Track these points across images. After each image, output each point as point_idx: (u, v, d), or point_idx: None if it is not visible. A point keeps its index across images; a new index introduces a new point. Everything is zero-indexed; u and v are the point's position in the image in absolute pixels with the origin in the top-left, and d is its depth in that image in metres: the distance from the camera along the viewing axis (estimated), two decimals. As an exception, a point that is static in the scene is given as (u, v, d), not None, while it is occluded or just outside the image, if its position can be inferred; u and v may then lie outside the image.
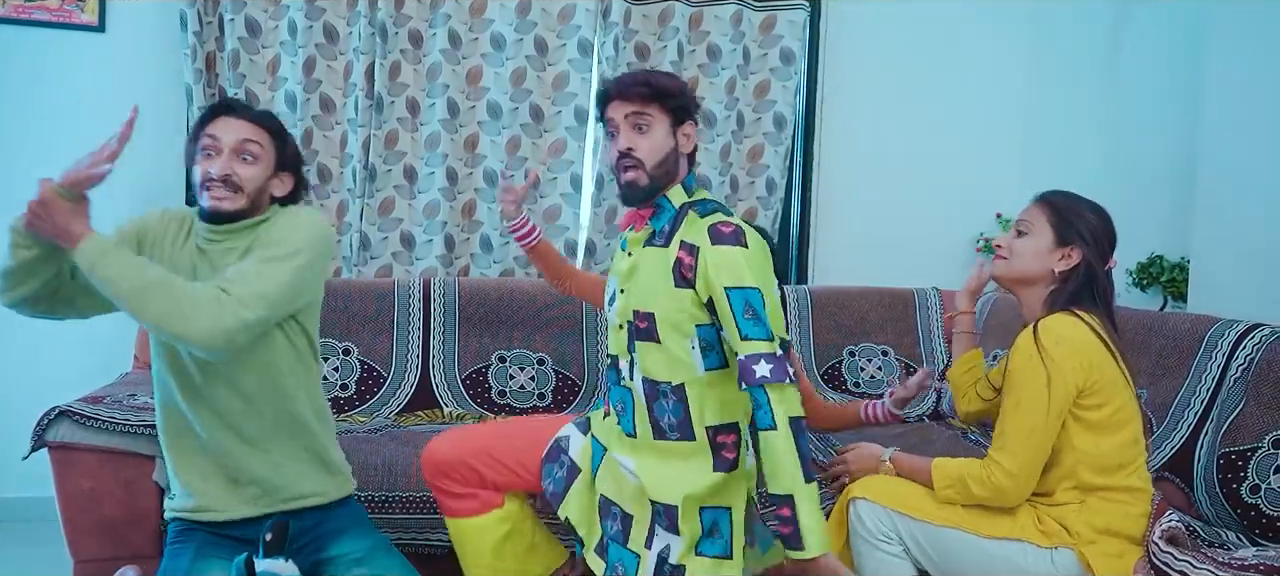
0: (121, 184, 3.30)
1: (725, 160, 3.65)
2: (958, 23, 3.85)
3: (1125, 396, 1.99)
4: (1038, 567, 1.94)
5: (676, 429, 1.98)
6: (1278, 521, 2.17)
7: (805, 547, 1.80)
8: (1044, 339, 1.92)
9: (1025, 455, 1.94)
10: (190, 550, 1.97)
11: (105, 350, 3.25)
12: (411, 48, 3.43)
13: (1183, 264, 3.11)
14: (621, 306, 2.04)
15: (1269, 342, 2.43)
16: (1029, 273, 2.06)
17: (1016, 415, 1.94)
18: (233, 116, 2.03)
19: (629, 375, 2.03)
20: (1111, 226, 2.08)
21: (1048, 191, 2.13)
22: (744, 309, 1.85)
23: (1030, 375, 1.92)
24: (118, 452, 2.46)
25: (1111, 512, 1.95)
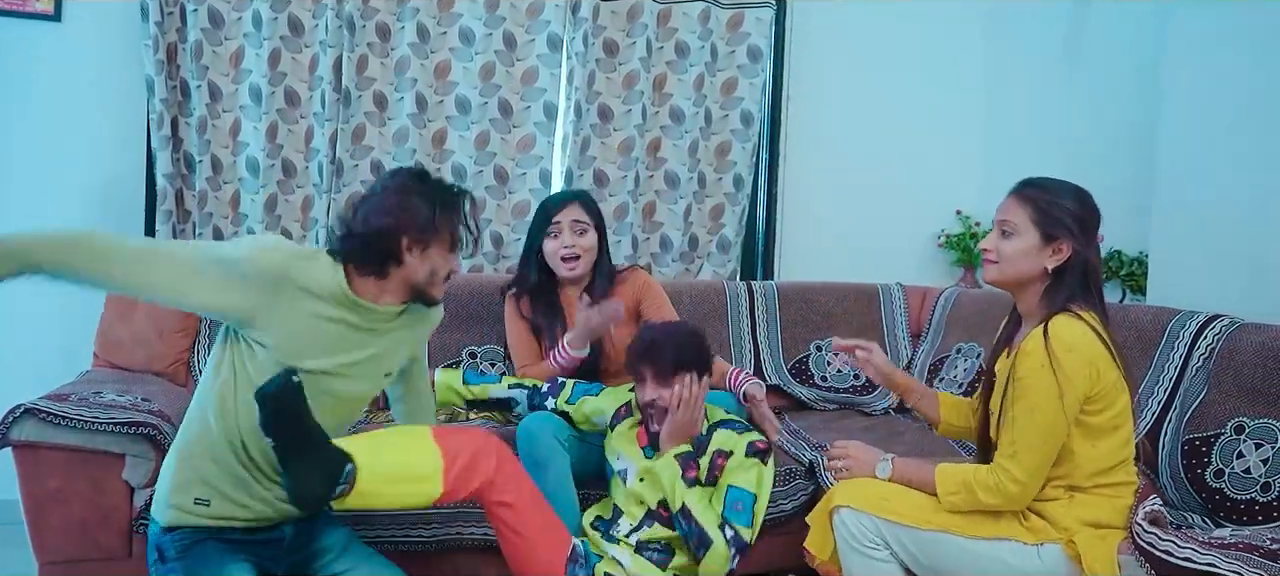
0: (81, 179, 3.26)
1: (693, 156, 3.67)
2: (919, 22, 3.92)
3: (1124, 399, 2.01)
4: (1026, 565, 1.98)
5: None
6: (1241, 504, 2.25)
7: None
8: (1056, 347, 1.91)
9: (1036, 463, 1.96)
10: (211, 556, 1.99)
11: (62, 347, 3.17)
12: (379, 41, 3.40)
13: (1141, 258, 3.20)
14: (640, 491, 2.40)
15: (1228, 333, 2.52)
16: (1021, 276, 2.05)
17: (1029, 423, 1.94)
18: None
19: (626, 533, 2.39)
20: (1093, 205, 2.08)
21: (1024, 183, 2.10)
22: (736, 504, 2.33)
23: (1043, 385, 1.92)
24: (85, 451, 2.40)
25: (1099, 507, 2.00)
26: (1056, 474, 2.01)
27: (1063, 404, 1.90)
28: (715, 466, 2.38)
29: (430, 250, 2.05)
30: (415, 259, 2.05)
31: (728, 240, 3.75)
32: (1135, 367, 2.70)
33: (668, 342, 2.41)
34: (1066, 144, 3.62)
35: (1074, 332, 1.94)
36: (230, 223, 3.34)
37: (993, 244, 2.08)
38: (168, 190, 3.22)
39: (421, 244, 2.04)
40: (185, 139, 3.28)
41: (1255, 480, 2.25)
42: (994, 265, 2.08)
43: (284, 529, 2.13)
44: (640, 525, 2.39)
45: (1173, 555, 1.68)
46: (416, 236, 2.03)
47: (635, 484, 2.41)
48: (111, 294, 2.66)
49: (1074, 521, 1.97)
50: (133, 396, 2.62)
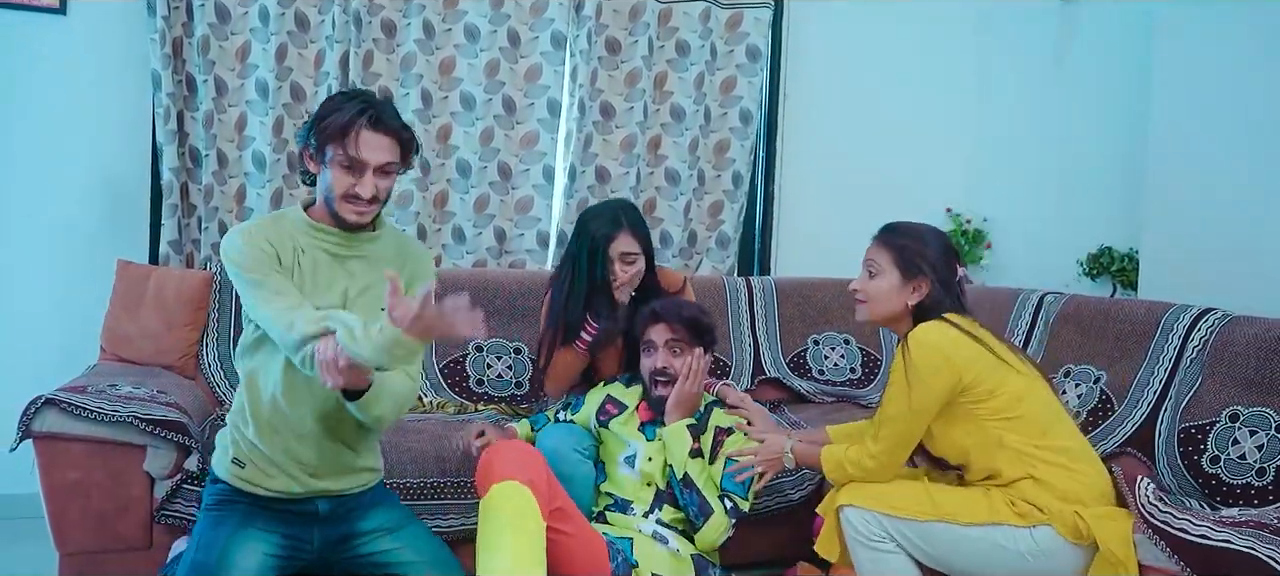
0: (85, 174, 3.25)
1: (693, 154, 3.72)
2: (912, 23, 4.00)
3: (1010, 378, 2.14)
4: (1021, 546, 2.07)
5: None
6: (1237, 488, 2.35)
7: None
8: (911, 347, 2.13)
9: (890, 444, 2.18)
10: (232, 520, 2.02)
11: (66, 342, 3.17)
12: (384, 37, 3.42)
13: (1131, 254, 3.30)
14: (650, 470, 2.47)
15: (1221, 325, 2.62)
16: (887, 312, 2.25)
17: (886, 409, 2.18)
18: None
19: (642, 516, 2.45)
20: (950, 244, 2.30)
21: (886, 228, 2.31)
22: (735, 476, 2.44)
23: (896, 380, 2.16)
24: (106, 442, 2.42)
25: (1065, 480, 2.09)
26: (1002, 457, 2.12)
27: (909, 397, 2.12)
28: (717, 443, 2.49)
29: (323, 164, 2.04)
30: (318, 170, 2.06)
31: (727, 236, 3.81)
32: (1130, 359, 2.80)
33: (686, 315, 2.51)
34: (1055, 142, 3.71)
35: (933, 333, 2.13)
36: (235, 217, 3.35)
37: (861, 284, 2.28)
38: (173, 184, 3.22)
39: (313, 157, 2.06)
40: (191, 133, 3.29)
41: (1250, 465, 2.34)
42: (863, 304, 2.29)
43: (318, 503, 2.15)
44: (652, 509, 2.44)
45: (1188, 533, 1.75)
46: (307, 149, 2.06)
47: (645, 464, 2.47)
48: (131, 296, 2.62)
49: (1054, 500, 2.06)
50: (148, 388, 2.64)
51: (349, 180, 2.01)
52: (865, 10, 3.97)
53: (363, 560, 2.19)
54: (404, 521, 2.25)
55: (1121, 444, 2.69)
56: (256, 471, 2.11)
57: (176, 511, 2.46)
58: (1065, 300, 3.13)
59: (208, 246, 3.30)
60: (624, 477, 2.50)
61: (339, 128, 1.99)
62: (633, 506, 2.46)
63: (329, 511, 2.17)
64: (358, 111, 2.00)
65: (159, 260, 3.26)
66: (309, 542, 2.16)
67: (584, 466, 2.50)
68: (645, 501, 2.46)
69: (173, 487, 2.45)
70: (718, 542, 2.39)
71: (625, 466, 2.51)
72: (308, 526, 2.17)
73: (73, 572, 2.46)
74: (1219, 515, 1.90)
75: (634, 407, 2.57)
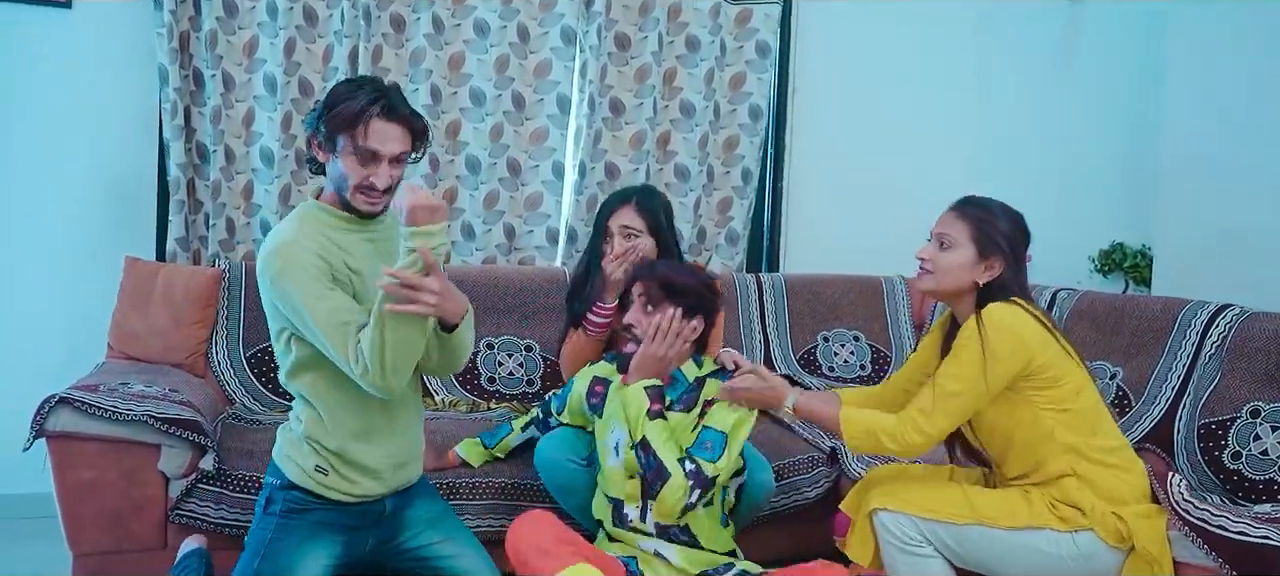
0: (92, 169, 3.21)
1: (703, 150, 3.71)
2: (920, 20, 3.98)
3: (1076, 377, 2.10)
4: (1062, 550, 2.04)
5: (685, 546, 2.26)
6: (1260, 484, 2.35)
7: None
8: (987, 326, 2.03)
9: (943, 422, 2.06)
10: (302, 529, 2.00)
11: (73, 340, 3.13)
12: (394, 32, 3.39)
13: (1144, 250, 3.30)
14: (631, 459, 2.21)
15: (1240, 321, 2.62)
16: (954, 287, 2.16)
17: (946, 384, 2.06)
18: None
19: (639, 518, 2.25)
20: (1025, 227, 2.21)
21: (963, 200, 2.22)
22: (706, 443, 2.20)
23: (969, 354, 2.04)
24: (120, 441, 2.39)
25: (1109, 480, 2.07)
26: (1049, 452, 2.07)
27: (984, 373, 2.01)
28: (705, 414, 2.28)
29: (333, 154, 2.00)
30: (327, 161, 2.03)
31: (736, 233, 3.79)
32: (1147, 355, 2.81)
33: (660, 271, 2.31)
34: (1064, 140, 3.71)
35: (1005, 313, 2.05)
36: (243, 214, 3.32)
37: (930, 254, 2.18)
38: (180, 180, 3.18)
39: (322, 147, 2.02)
40: (198, 129, 3.25)
41: (1273, 461, 2.34)
42: (929, 275, 2.18)
43: (387, 501, 2.13)
44: (645, 504, 2.25)
45: (1227, 530, 1.75)
46: (315, 138, 2.03)
47: (628, 454, 2.23)
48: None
49: (1096, 502, 2.03)
50: (160, 387, 2.61)
51: (363, 171, 1.97)
52: (874, 6, 3.95)
53: (409, 553, 2.18)
54: (444, 514, 2.26)
55: (1140, 440, 2.69)
56: (341, 479, 2.07)
57: (191, 511, 2.43)
58: (1079, 296, 3.13)
59: (215, 243, 3.27)
60: (612, 471, 2.28)
61: (350, 117, 1.94)
62: (625, 507, 2.27)
63: (394, 509, 2.16)
64: (370, 100, 1.95)
65: (166, 257, 3.23)
66: (365, 543, 2.15)
67: (581, 474, 2.43)
68: (635, 497, 2.26)
69: (187, 487, 2.42)
70: (677, 509, 2.14)
71: (613, 457, 2.27)
72: (369, 528, 2.15)
73: (86, 572, 2.43)
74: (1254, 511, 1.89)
75: (618, 380, 2.35)
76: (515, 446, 2.67)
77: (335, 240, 2.02)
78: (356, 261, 2.03)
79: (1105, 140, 3.55)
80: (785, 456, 2.85)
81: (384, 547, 2.16)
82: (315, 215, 2.06)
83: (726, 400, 2.25)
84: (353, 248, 2.04)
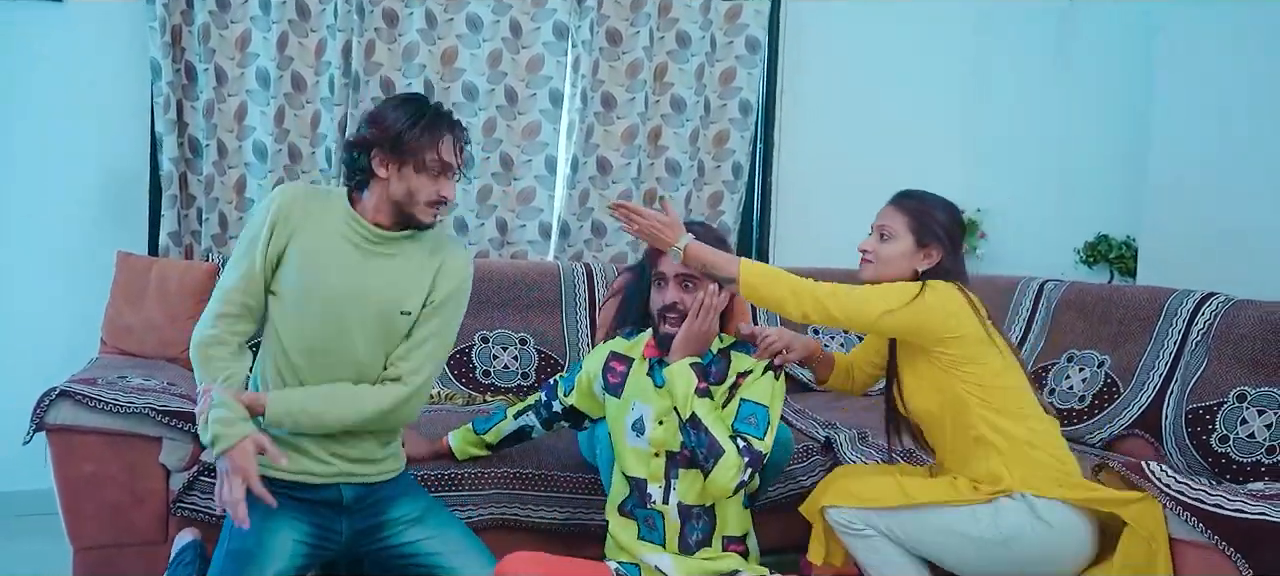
0: (84, 164, 3.20)
1: (694, 144, 3.74)
2: (910, 14, 4.04)
3: (996, 356, 2.15)
4: (982, 522, 2.08)
5: (702, 543, 2.21)
6: (1247, 466, 2.41)
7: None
8: (929, 284, 2.13)
9: (840, 312, 2.13)
10: (261, 508, 1.99)
11: (65, 335, 3.11)
12: (386, 27, 3.40)
13: (1129, 242, 3.37)
14: (661, 436, 2.19)
15: (1225, 309, 2.68)
16: (893, 275, 2.22)
17: (867, 291, 2.15)
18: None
19: (662, 499, 2.20)
20: (960, 217, 2.30)
21: (901, 193, 2.31)
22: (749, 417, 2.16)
23: (903, 288, 2.13)
24: (122, 434, 2.38)
25: (1026, 458, 2.10)
26: (972, 433, 2.12)
27: (903, 305, 2.09)
28: (735, 388, 2.22)
29: (405, 168, 2.06)
30: (390, 175, 2.07)
31: (727, 227, 3.82)
32: (1134, 343, 2.87)
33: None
34: (1055, 133, 3.77)
35: (943, 287, 2.15)
36: (235, 209, 3.31)
37: (871, 245, 2.27)
38: (173, 175, 3.18)
39: (395, 160, 2.06)
40: (191, 123, 3.24)
41: (1260, 443, 2.40)
42: (871, 265, 2.26)
43: (341, 489, 2.14)
44: (670, 480, 2.20)
45: (1223, 509, 1.79)
46: (388, 151, 2.06)
47: (656, 430, 2.20)
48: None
49: (1012, 476, 2.08)
50: (159, 380, 2.60)
51: (435, 186, 2.08)
52: (862, 2, 4.00)
53: (392, 550, 2.19)
54: (430, 511, 2.25)
55: (1129, 426, 2.75)
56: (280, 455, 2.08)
57: (193, 504, 2.42)
58: (1066, 287, 3.19)
59: (208, 238, 3.26)
60: (633, 452, 2.24)
61: (434, 135, 2.07)
62: (649, 486, 2.21)
63: (354, 499, 2.17)
64: (446, 121, 2.11)
65: (159, 252, 3.22)
66: (338, 533, 2.16)
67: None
68: (659, 476, 2.20)
69: (189, 480, 2.42)
70: (730, 487, 2.08)
71: (633, 436, 2.24)
72: (335, 516, 2.16)
73: (87, 567, 2.41)
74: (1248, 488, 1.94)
75: (640, 354, 2.29)
76: (507, 434, 2.65)
77: (330, 223, 2.11)
78: (315, 243, 2.10)
79: (1094, 136, 3.61)
80: (780, 446, 2.89)
81: (366, 545, 2.17)
82: (336, 198, 2.15)
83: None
84: (338, 236, 2.11)
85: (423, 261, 2.16)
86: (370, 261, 2.12)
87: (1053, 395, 2.97)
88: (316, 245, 2.09)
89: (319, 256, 2.09)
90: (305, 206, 2.11)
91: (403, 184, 2.07)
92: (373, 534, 2.17)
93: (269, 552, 2.03)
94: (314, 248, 2.09)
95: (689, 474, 2.18)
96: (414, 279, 2.15)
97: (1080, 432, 2.86)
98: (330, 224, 2.11)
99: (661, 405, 2.21)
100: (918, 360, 2.20)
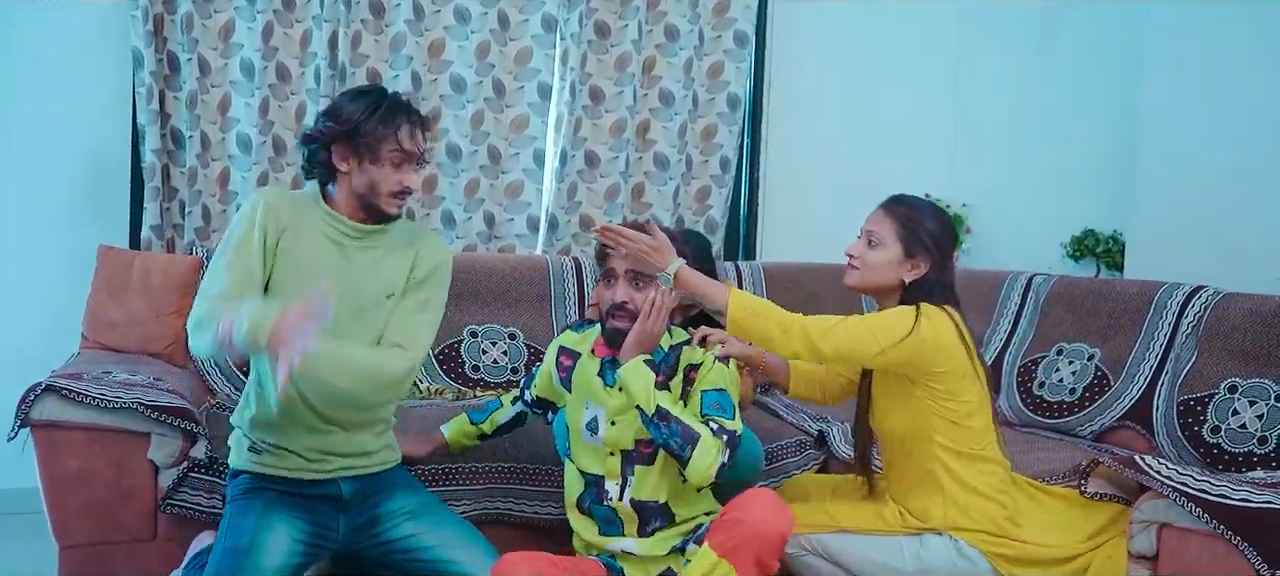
0: (63, 156, 3.13)
1: (682, 139, 3.72)
2: (896, 8, 4.04)
3: (975, 389, 2.14)
4: (906, 555, 2.12)
5: (661, 529, 2.20)
6: (1239, 456, 2.43)
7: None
8: (924, 311, 2.06)
9: (830, 349, 2.05)
10: (257, 506, 2.00)
11: (44, 330, 3.05)
12: (373, 17, 3.35)
13: (1115, 236, 3.40)
14: (615, 436, 2.17)
15: (1215, 302, 2.71)
16: (879, 283, 2.18)
17: (857, 325, 2.07)
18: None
19: (618, 496, 2.19)
20: (952, 227, 2.24)
21: (893, 199, 2.24)
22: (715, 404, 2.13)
23: (899, 319, 2.06)
24: (109, 430, 2.33)
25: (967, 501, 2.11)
26: (924, 458, 2.12)
27: (897, 341, 2.02)
28: (688, 382, 2.20)
29: (365, 160, 2.05)
30: (351, 168, 2.06)
31: (715, 221, 3.82)
32: (1123, 336, 2.89)
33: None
34: (1041, 128, 3.79)
35: (939, 316, 2.09)
36: (218, 201, 3.26)
37: (859, 251, 2.20)
38: (155, 167, 3.12)
39: (354, 153, 2.05)
40: (173, 114, 3.18)
41: (1252, 434, 2.43)
42: (856, 271, 2.20)
43: (340, 484, 2.14)
44: (626, 477, 2.18)
45: (1229, 499, 1.81)
46: (346, 144, 2.05)
47: (609, 430, 2.17)
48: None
49: (945, 518, 2.09)
50: (145, 375, 2.55)
51: (398, 176, 2.07)
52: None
53: (390, 545, 2.18)
54: (427, 505, 2.24)
55: (1120, 418, 2.77)
56: (272, 456, 2.11)
57: (183, 501, 2.38)
58: (1055, 281, 3.21)
59: (191, 231, 3.20)
60: (588, 448, 2.23)
61: (392, 126, 2.04)
62: (607, 483, 2.20)
63: (352, 493, 2.16)
64: (403, 109, 2.08)
65: (140, 245, 3.16)
66: (335, 529, 2.16)
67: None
68: (616, 474, 2.19)
69: (180, 476, 2.37)
70: (712, 470, 2.03)
71: (588, 435, 2.22)
72: (333, 513, 2.15)
73: (73, 566, 2.36)
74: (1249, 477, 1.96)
75: (589, 349, 2.27)
76: (504, 422, 2.57)
77: (306, 218, 2.09)
78: (304, 254, 2.08)
79: (1080, 131, 3.64)
80: (773, 440, 2.88)
81: (362, 539, 2.16)
82: (311, 198, 2.14)
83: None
84: (316, 232, 2.10)
85: (402, 251, 2.17)
86: (354, 256, 2.12)
87: (1043, 388, 2.99)
88: (302, 245, 2.09)
89: (306, 256, 2.08)
90: (289, 207, 2.10)
91: (364, 176, 2.06)
92: (369, 529, 2.16)
93: (266, 549, 2.02)
94: (300, 248, 2.09)
95: (648, 471, 2.17)
96: (396, 266, 2.16)
97: (1071, 425, 2.88)
98: (312, 223, 2.10)
99: (614, 404, 2.18)
100: (893, 383, 2.17)
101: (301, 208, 2.12)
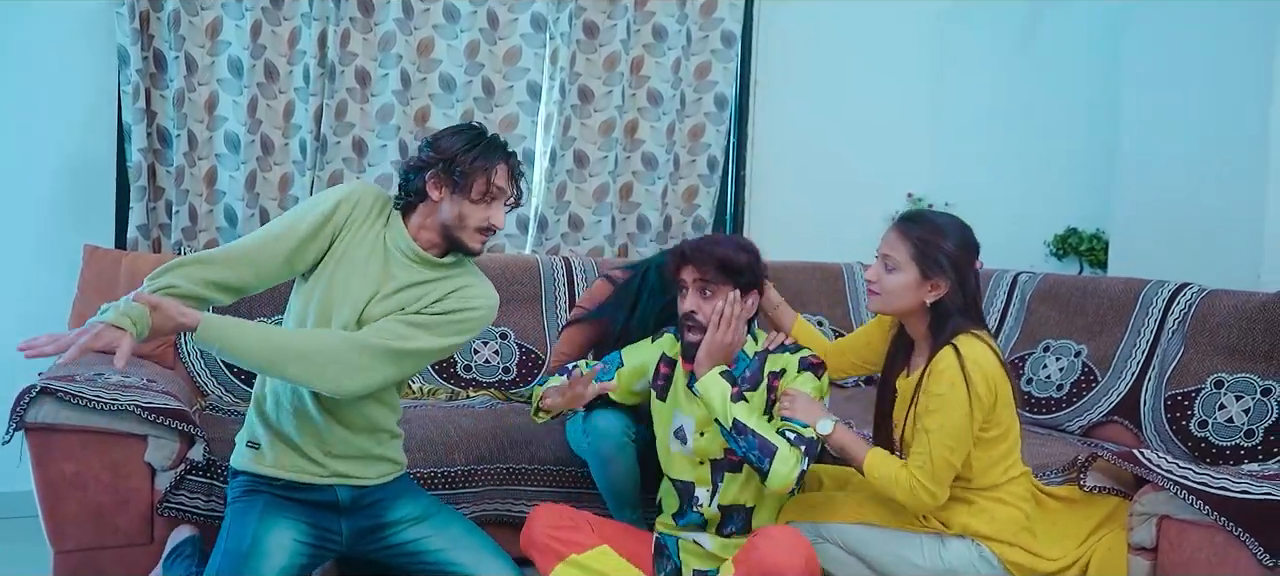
0: (48, 154, 3.08)
1: (670, 138, 3.73)
2: (880, 8, 4.08)
3: (1011, 415, 2.13)
4: (928, 553, 2.12)
5: (736, 534, 2.28)
6: (1227, 450, 2.49)
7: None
8: (969, 367, 2.00)
9: (946, 475, 2.04)
10: (257, 508, 2.00)
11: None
12: (362, 16, 3.33)
13: (1099, 234, 3.45)
14: (703, 446, 2.25)
15: (1200, 298, 2.77)
16: (902, 308, 2.13)
17: (941, 438, 2.00)
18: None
19: (708, 503, 2.27)
20: (971, 239, 2.16)
21: (906, 217, 2.18)
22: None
23: (957, 403, 1.99)
24: (105, 433, 2.30)
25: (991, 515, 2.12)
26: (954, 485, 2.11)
27: (972, 419, 2.00)
28: (772, 391, 2.22)
29: (458, 193, 2.06)
30: (442, 197, 2.07)
31: (702, 221, 3.83)
32: (1109, 332, 2.94)
33: (717, 253, 2.20)
34: (1023, 128, 3.85)
35: (978, 352, 2.04)
36: (205, 201, 3.22)
37: (876, 275, 2.15)
38: (141, 166, 3.08)
39: (448, 183, 2.06)
40: (160, 113, 3.14)
41: (1238, 428, 2.48)
42: (877, 297, 2.16)
43: (337, 491, 2.13)
44: (716, 484, 2.24)
45: (1229, 491, 1.85)
46: (442, 174, 2.06)
47: (698, 440, 2.22)
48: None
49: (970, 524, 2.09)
50: (138, 377, 2.52)
51: (486, 212, 2.09)
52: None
53: (395, 550, 2.18)
54: (432, 509, 2.25)
55: (1108, 413, 2.82)
56: (272, 452, 2.10)
57: (180, 503, 2.35)
58: (1040, 279, 3.26)
59: (178, 231, 3.17)
60: (677, 456, 2.28)
61: (489, 161, 2.07)
62: (697, 489, 2.27)
63: (350, 501, 2.16)
64: (500, 149, 2.12)
65: (127, 245, 3.11)
66: (338, 533, 2.15)
67: (628, 452, 2.42)
68: (706, 480, 2.25)
69: (177, 478, 2.34)
70: (793, 479, 2.05)
71: (676, 442, 2.27)
72: (334, 517, 2.15)
73: (68, 570, 2.32)
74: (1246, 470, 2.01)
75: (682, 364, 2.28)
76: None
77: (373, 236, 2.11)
78: (360, 262, 2.09)
79: (1063, 129, 3.70)
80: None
81: (368, 543, 2.16)
82: (395, 217, 2.15)
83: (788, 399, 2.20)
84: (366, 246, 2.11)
85: (442, 285, 2.13)
86: (397, 274, 2.10)
87: (1030, 384, 3.04)
88: (355, 248, 2.09)
89: (350, 252, 2.09)
90: (370, 207, 2.13)
91: (454, 207, 2.07)
92: (374, 533, 2.16)
93: (268, 552, 2.01)
94: (351, 250, 2.09)
95: (736, 478, 2.24)
96: (426, 292, 2.11)
97: (1059, 420, 2.93)
98: (376, 229, 2.12)
99: (701, 415, 2.24)
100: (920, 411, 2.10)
101: (380, 211, 2.15)
